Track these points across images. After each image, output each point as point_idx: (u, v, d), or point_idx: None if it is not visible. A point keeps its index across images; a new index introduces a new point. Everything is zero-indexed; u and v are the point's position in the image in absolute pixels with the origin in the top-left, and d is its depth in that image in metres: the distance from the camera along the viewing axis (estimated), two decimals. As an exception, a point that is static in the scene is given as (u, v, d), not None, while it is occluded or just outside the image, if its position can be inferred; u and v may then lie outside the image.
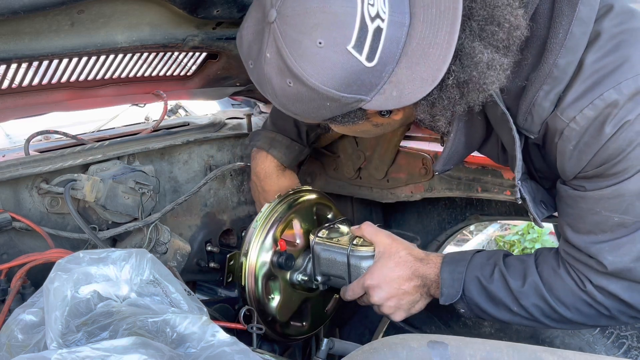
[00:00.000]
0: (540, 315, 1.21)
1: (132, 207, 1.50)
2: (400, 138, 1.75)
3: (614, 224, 1.09)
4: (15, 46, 1.25)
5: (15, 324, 0.99)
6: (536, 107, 1.06)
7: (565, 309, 1.18)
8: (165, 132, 1.69)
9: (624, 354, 1.36)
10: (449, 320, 1.62)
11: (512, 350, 0.82)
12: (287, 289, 1.55)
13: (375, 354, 0.85)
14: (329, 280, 1.53)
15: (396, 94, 1.00)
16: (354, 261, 1.43)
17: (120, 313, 0.98)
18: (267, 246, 1.50)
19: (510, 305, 1.23)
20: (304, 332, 1.66)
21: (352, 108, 1.04)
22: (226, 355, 0.90)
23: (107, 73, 1.57)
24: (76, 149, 1.48)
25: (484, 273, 1.26)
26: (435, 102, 1.04)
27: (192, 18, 1.41)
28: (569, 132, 1.05)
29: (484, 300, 1.26)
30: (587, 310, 1.17)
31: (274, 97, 1.07)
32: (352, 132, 1.25)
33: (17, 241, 1.41)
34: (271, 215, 1.52)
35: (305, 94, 1.01)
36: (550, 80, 1.04)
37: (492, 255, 1.29)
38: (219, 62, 1.70)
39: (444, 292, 1.29)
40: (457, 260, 1.30)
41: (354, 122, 1.10)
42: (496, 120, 1.13)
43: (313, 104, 1.03)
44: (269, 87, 1.06)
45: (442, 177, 1.68)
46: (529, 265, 1.23)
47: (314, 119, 1.10)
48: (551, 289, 1.19)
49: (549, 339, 1.42)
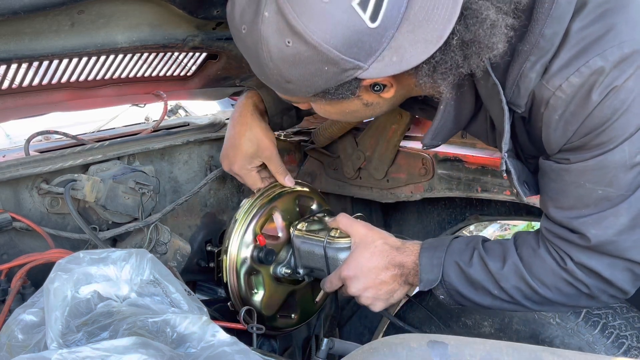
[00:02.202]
0: (521, 297, 1.21)
1: (132, 207, 1.50)
2: (400, 138, 1.75)
3: (597, 198, 1.09)
4: (15, 46, 1.25)
5: (15, 324, 0.99)
6: (522, 79, 1.06)
7: (546, 289, 1.18)
8: (165, 133, 1.68)
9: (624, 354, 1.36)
10: (449, 320, 1.62)
11: (512, 350, 0.82)
12: (271, 283, 1.55)
13: (375, 354, 0.85)
14: (312, 272, 1.52)
15: (396, 58, 0.99)
16: (331, 253, 1.43)
17: (121, 313, 0.98)
18: (247, 241, 1.49)
19: (490, 289, 1.22)
20: (293, 324, 1.65)
21: (348, 77, 1.02)
22: (226, 355, 0.91)
23: (107, 73, 1.57)
24: (76, 149, 1.48)
25: (463, 258, 1.25)
26: (438, 65, 1.02)
27: (192, 18, 1.41)
28: (555, 101, 1.04)
29: (464, 285, 1.25)
30: (567, 290, 1.17)
31: (269, 61, 1.03)
32: (340, 112, 1.20)
33: (17, 241, 1.41)
34: (251, 209, 1.51)
35: (304, 55, 0.99)
36: (536, 51, 1.03)
37: (471, 240, 1.28)
38: (219, 62, 1.70)
39: (423, 278, 1.28)
40: (436, 246, 1.29)
41: (346, 97, 1.08)
42: (487, 93, 1.12)
43: (310, 67, 1.00)
44: (264, 50, 1.02)
45: (442, 177, 1.68)
46: (508, 248, 1.23)
47: (306, 90, 1.07)
48: (531, 269, 1.19)
49: (548, 339, 1.42)
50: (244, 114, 1.49)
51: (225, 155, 1.54)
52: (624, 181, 1.07)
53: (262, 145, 1.48)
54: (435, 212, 1.96)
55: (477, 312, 1.55)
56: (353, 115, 1.23)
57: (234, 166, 1.52)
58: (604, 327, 1.40)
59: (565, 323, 1.41)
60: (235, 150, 1.50)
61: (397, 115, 1.73)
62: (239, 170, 1.52)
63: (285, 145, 1.95)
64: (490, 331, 1.53)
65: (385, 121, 1.76)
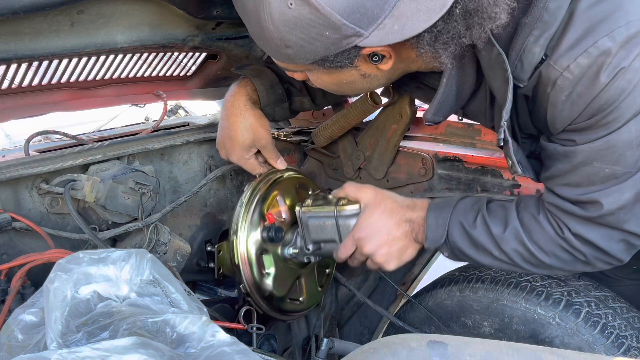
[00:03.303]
0: (520, 260, 1.25)
1: (132, 207, 1.50)
2: (400, 138, 1.75)
3: (604, 176, 1.10)
4: (15, 46, 1.25)
5: (15, 324, 0.99)
6: (526, 53, 1.06)
7: (543, 254, 1.22)
8: (165, 132, 1.69)
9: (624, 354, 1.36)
10: (449, 320, 1.62)
11: (512, 350, 0.82)
12: (279, 264, 1.56)
13: (375, 354, 0.85)
14: (320, 250, 1.52)
15: (398, 27, 0.98)
16: (342, 221, 1.43)
17: (120, 313, 0.98)
18: (256, 222, 1.51)
19: (492, 250, 1.26)
20: (301, 308, 1.66)
21: (348, 45, 1.01)
22: (226, 355, 0.91)
23: (107, 73, 1.57)
24: (76, 149, 1.48)
25: (468, 219, 1.28)
26: (440, 34, 1.02)
27: (192, 18, 1.41)
28: (562, 82, 1.04)
29: (467, 245, 1.29)
30: (564, 256, 1.20)
31: (269, 24, 1.02)
32: (336, 83, 1.19)
33: (17, 241, 1.41)
34: (255, 193, 1.54)
35: (306, 17, 0.98)
36: (540, 25, 1.03)
37: (477, 202, 1.31)
38: (218, 62, 1.70)
39: (429, 236, 1.31)
40: (442, 206, 1.32)
41: (344, 66, 1.08)
42: (490, 64, 1.11)
43: (311, 31, 1.00)
44: (266, 12, 1.00)
45: (442, 177, 1.68)
46: (510, 212, 1.26)
47: (305, 56, 1.06)
48: (530, 234, 1.22)
49: (548, 339, 1.42)
50: (237, 104, 1.50)
51: (222, 145, 1.55)
52: (631, 159, 1.08)
53: (257, 135, 1.50)
54: (435, 212, 1.96)
55: (477, 312, 1.55)
56: (349, 87, 1.22)
57: (232, 156, 1.54)
58: (603, 327, 1.40)
59: (565, 323, 1.41)
60: (232, 142, 1.51)
61: (397, 115, 1.73)
62: (237, 160, 1.55)
63: (285, 145, 1.95)
64: (490, 331, 1.53)
65: (385, 121, 1.76)
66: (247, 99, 1.50)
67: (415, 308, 1.71)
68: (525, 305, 1.46)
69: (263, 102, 1.53)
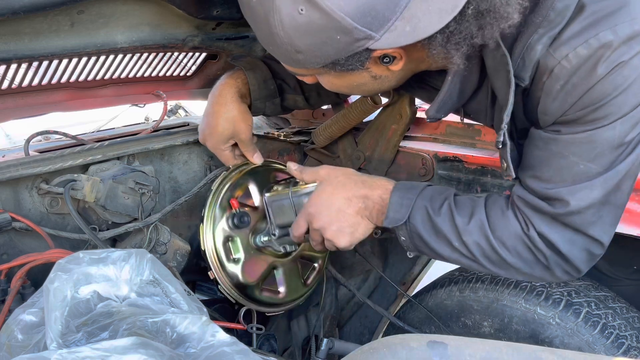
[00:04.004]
0: (480, 254, 1.21)
1: (132, 208, 1.50)
2: (400, 138, 1.75)
3: (577, 172, 1.09)
4: (15, 46, 1.25)
5: (15, 324, 0.99)
6: (528, 51, 1.05)
7: (505, 251, 1.19)
8: (165, 133, 1.69)
9: (624, 354, 1.36)
10: (449, 320, 1.62)
11: (511, 350, 0.82)
12: (250, 252, 1.56)
13: (375, 354, 0.85)
14: (288, 235, 1.50)
15: (409, 28, 0.97)
16: (297, 200, 1.44)
17: (120, 313, 0.98)
18: (222, 208, 1.53)
19: (452, 240, 1.23)
20: (281, 300, 1.65)
21: (359, 47, 1.00)
22: (226, 355, 0.91)
23: (107, 73, 1.57)
24: (76, 149, 1.48)
25: (433, 205, 1.25)
26: (452, 35, 1.01)
27: (192, 18, 1.41)
28: (559, 70, 1.03)
29: (427, 231, 1.25)
30: (525, 255, 1.18)
31: (280, 30, 1.01)
32: (347, 85, 1.19)
33: (17, 241, 1.41)
34: (226, 180, 1.55)
35: (317, 22, 0.97)
36: (546, 24, 1.03)
37: (445, 191, 1.28)
38: (218, 62, 1.70)
39: (389, 216, 1.27)
40: (409, 188, 1.29)
41: (355, 69, 1.07)
42: (494, 64, 1.11)
43: (322, 35, 0.99)
44: (276, 18, 1.00)
45: (442, 177, 1.68)
46: (478, 205, 1.23)
47: (316, 61, 1.05)
48: (495, 229, 1.19)
49: (548, 339, 1.42)
50: (224, 94, 1.51)
51: (201, 130, 1.58)
52: (607, 159, 1.07)
53: (237, 128, 1.52)
54: (435, 212, 1.96)
55: (477, 312, 1.55)
56: (360, 89, 1.22)
57: (208, 143, 1.57)
58: (603, 327, 1.40)
59: (565, 323, 1.41)
60: (211, 130, 1.54)
61: (397, 115, 1.73)
62: (212, 147, 1.57)
63: (285, 145, 1.95)
64: (490, 331, 1.53)
65: (385, 121, 1.76)
66: (235, 91, 1.51)
67: (415, 308, 1.71)
68: (525, 305, 1.46)
69: (254, 95, 1.54)
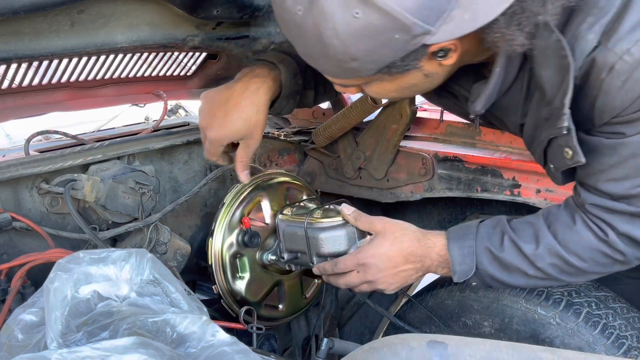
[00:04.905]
0: (558, 273, 1.21)
1: (132, 207, 1.50)
2: (400, 138, 1.75)
3: None
4: (15, 46, 1.25)
5: (15, 323, 0.99)
6: (579, 40, 1.01)
7: (582, 262, 1.19)
8: (165, 132, 1.69)
9: (624, 354, 1.36)
10: (449, 320, 1.62)
11: (512, 349, 0.82)
12: (256, 269, 1.55)
13: (375, 354, 0.85)
14: (297, 259, 1.49)
15: (469, 16, 0.94)
16: (312, 233, 1.40)
17: (121, 313, 0.98)
18: (234, 225, 1.50)
19: (526, 270, 1.22)
20: (280, 316, 1.65)
21: (416, 45, 0.96)
22: (226, 355, 0.90)
23: (107, 73, 1.57)
24: (76, 149, 1.48)
25: (494, 243, 1.23)
26: (514, 16, 0.97)
27: (192, 18, 1.41)
28: (621, 66, 0.99)
29: (498, 270, 1.24)
30: (603, 260, 1.18)
31: (333, 39, 0.96)
32: (398, 89, 1.13)
33: (17, 241, 1.41)
34: (239, 194, 1.52)
35: (375, 24, 0.93)
36: (595, 11, 0.99)
37: (497, 223, 1.26)
38: (219, 62, 1.70)
39: (457, 270, 1.25)
40: (463, 235, 1.27)
41: (410, 69, 1.03)
42: (544, 51, 1.05)
43: (381, 38, 0.94)
44: (329, 27, 0.95)
45: (442, 176, 1.68)
46: (540, 227, 1.22)
47: (370, 67, 1.01)
48: (567, 246, 1.18)
49: (548, 339, 1.42)
50: (254, 90, 1.37)
51: (209, 114, 1.40)
52: None
53: (254, 133, 1.39)
54: (436, 211, 1.96)
55: (477, 312, 1.55)
56: (411, 90, 1.18)
57: (211, 132, 1.39)
58: (604, 327, 1.40)
59: (565, 323, 1.41)
60: (223, 121, 1.37)
61: (397, 115, 1.73)
62: (212, 137, 1.39)
63: (285, 145, 1.95)
64: (490, 331, 1.53)
65: (385, 121, 1.76)
66: (267, 89, 1.38)
67: (415, 308, 1.71)
68: (526, 305, 1.46)
69: (284, 92, 1.43)
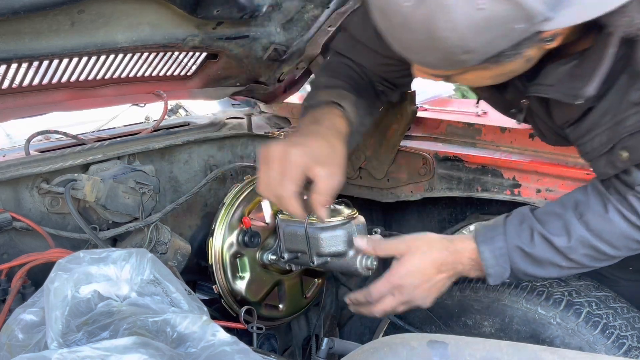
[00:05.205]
0: (590, 261, 1.23)
1: (133, 207, 1.50)
2: (400, 138, 1.75)
3: None
4: (15, 46, 1.25)
5: (15, 323, 0.99)
6: None
7: (615, 250, 1.20)
8: (166, 132, 1.69)
9: (624, 354, 1.36)
10: (449, 320, 1.62)
11: (512, 349, 0.82)
12: (256, 269, 1.55)
13: (376, 354, 0.85)
14: (297, 258, 1.48)
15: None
16: (312, 232, 1.38)
17: (121, 313, 0.98)
18: (234, 224, 1.51)
19: (559, 263, 1.23)
20: (280, 315, 1.65)
21: (532, 31, 0.90)
22: (226, 355, 0.91)
23: (107, 73, 1.57)
24: (76, 149, 1.48)
25: (524, 240, 1.23)
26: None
27: (192, 18, 1.41)
28: None
29: (531, 266, 1.24)
30: (635, 246, 1.20)
31: (449, 32, 0.89)
32: (495, 76, 1.07)
33: (18, 241, 1.41)
34: (239, 194, 1.53)
35: (501, 15, 0.87)
36: None
37: (524, 219, 1.26)
38: (219, 62, 1.70)
39: (492, 273, 1.25)
40: (492, 237, 1.25)
41: (519, 56, 0.96)
42: None
43: (503, 28, 0.89)
44: (445, 19, 0.89)
45: (442, 176, 1.68)
46: (569, 219, 1.22)
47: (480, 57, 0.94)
48: (601, 235, 1.19)
49: (549, 339, 1.42)
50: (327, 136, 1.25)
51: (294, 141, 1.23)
52: None
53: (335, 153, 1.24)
54: (436, 211, 1.96)
55: (478, 312, 1.55)
56: (508, 76, 1.10)
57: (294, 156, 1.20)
58: (604, 327, 1.40)
59: (565, 323, 1.41)
60: (304, 139, 1.23)
61: (397, 114, 1.73)
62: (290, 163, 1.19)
63: (286, 145, 1.95)
64: (490, 331, 1.53)
65: (385, 121, 1.76)
66: (341, 124, 1.30)
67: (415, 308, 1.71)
68: (526, 305, 1.46)
69: (354, 124, 1.34)
